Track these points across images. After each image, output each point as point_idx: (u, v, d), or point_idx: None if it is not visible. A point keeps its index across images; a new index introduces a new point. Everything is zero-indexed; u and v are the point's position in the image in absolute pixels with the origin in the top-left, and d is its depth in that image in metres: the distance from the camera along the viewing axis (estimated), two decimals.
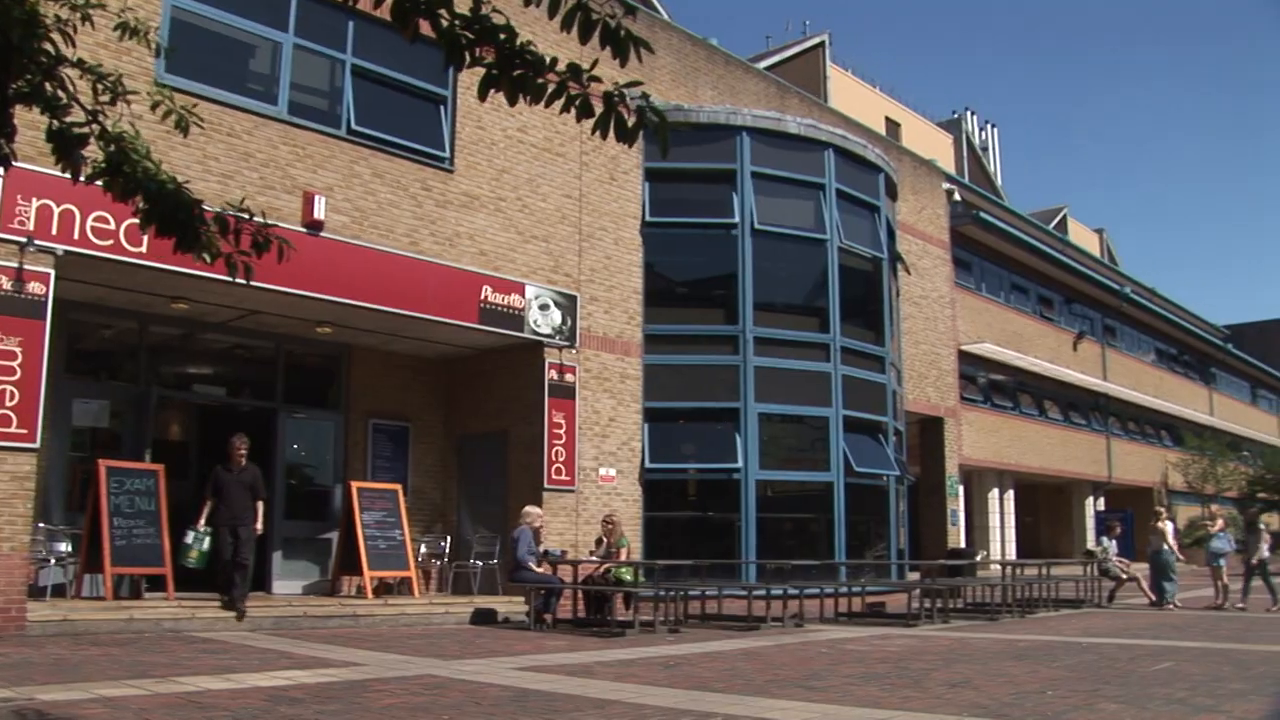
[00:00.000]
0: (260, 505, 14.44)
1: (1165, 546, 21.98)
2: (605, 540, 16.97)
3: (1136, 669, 11.42)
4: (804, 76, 37.52)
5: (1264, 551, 21.48)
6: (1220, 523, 23.27)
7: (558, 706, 8.41)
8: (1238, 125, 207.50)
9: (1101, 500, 45.39)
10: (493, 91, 5.12)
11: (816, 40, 44.21)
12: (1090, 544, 32.83)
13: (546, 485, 18.18)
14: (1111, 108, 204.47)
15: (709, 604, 18.07)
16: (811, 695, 9.30)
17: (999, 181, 59.17)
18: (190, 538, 14.21)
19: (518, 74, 5.04)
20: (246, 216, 5.87)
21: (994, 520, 37.09)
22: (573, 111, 5.17)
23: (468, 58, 5.03)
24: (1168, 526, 22.57)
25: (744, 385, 20.59)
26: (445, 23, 4.93)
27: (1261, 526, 22.44)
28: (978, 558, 28.98)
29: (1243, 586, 21.40)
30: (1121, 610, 21.47)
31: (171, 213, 5.76)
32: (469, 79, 16.84)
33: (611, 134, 5.23)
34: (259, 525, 14.42)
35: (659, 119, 5.27)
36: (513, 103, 5.17)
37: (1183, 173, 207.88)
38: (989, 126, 66.71)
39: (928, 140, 47.44)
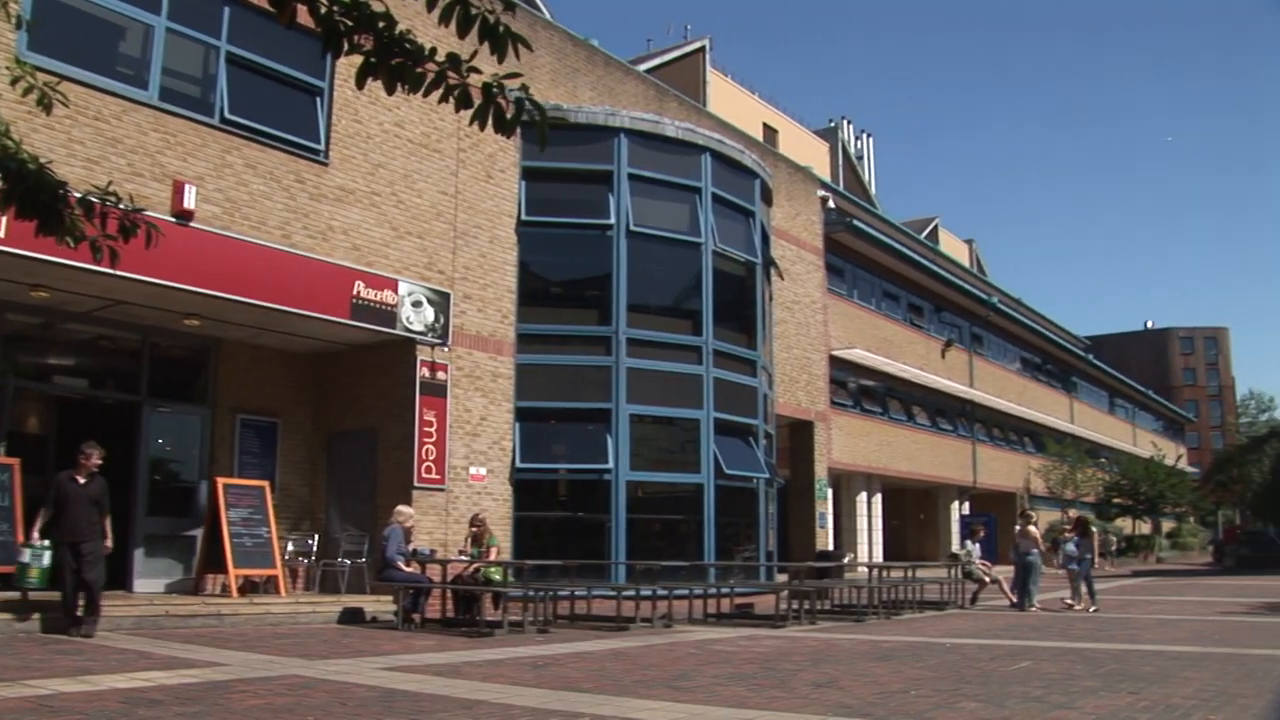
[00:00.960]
0: (108, 521, 13.11)
1: (1035, 550, 22.47)
2: (473, 539, 16.88)
3: (996, 668, 11.67)
4: (684, 80, 37.72)
5: (1092, 554, 22.23)
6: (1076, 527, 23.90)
7: (424, 707, 8.31)
8: (1109, 151, 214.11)
9: (966, 504, 46.41)
10: (370, 80, 5.05)
11: (697, 45, 44.46)
12: (955, 547, 33.47)
13: (416, 484, 17.97)
14: (985, 123, 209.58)
15: (578, 604, 18.02)
16: (679, 695, 9.32)
17: (873, 190, 60.21)
18: (27, 555, 13.03)
19: (396, 62, 4.99)
20: (113, 201, 5.69)
21: (862, 523, 37.67)
22: (451, 102, 5.12)
23: (346, 45, 4.96)
24: (1037, 531, 23.09)
25: (616, 386, 20.60)
26: (324, 9, 4.86)
27: (1094, 530, 23.15)
28: (845, 560, 29.35)
29: (1086, 589, 21.96)
30: (983, 612, 21.92)
31: (33, 194, 5.57)
32: (346, 71, 16.57)
33: (490, 128, 5.20)
34: (109, 542, 13.09)
35: (539, 112, 5.24)
36: (390, 91, 5.11)
37: (1053, 191, 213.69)
38: (865, 136, 67.84)
39: (804, 147, 48.03)
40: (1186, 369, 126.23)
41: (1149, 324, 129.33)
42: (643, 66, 31.19)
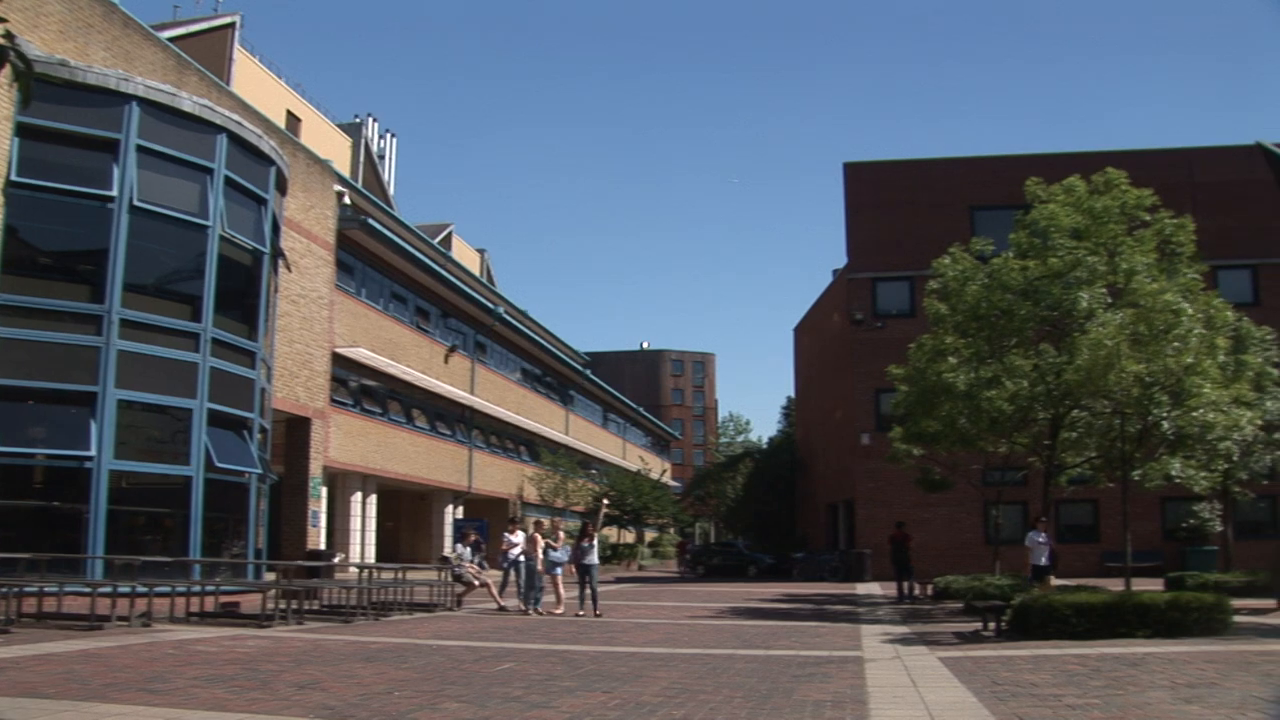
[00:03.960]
0: None
1: (540, 555, 22.95)
2: None
3: (480, 670, 11.94)
4: (209, 55, 36.04)
5: (593, 558, 23.22)
6: (562, 535, 24.84)
7: None
8: (626, 177, 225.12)
9: (461, 509, 47.13)
10: None
11: (228, 19, 42.66)
12: (447, 550, 33.92)
13: None
14: (508, 138, 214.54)
15: (48, 602, 16.86)
16: (153, 699, 8.90)
17: (392, 191, 60.14)
18: None
19: None
20: None
21: (355, 524, 37.39)
22: None
23: None
24: (535, 536, 23.55)
25: (104, 369, 19.29)
26: None
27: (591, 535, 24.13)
28: (336, 560, 29.04)
29: (579, 593, 22.85)
30: (472, 614, 22.33)
31: None
32: None
33: None
34: None
35: (23, 64, 4.80)
36: None
37: (567, 210, 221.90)
38: (389, 135, 67.63)
39: (327, 140, 47.26)
40: (675, 389, 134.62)
41: (645, 345, 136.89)
42: (166, 34, 29.45)
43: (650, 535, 79.56)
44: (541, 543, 23.23)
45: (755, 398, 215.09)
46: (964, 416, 23.14)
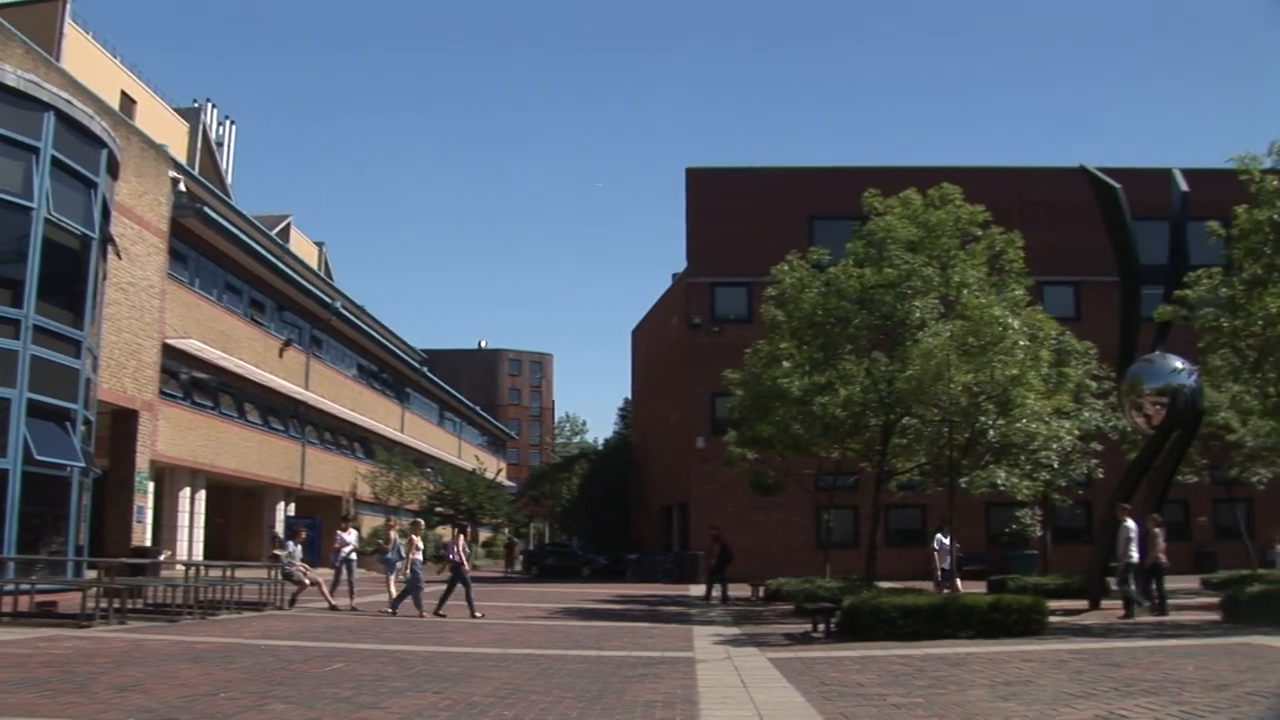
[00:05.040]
0: None
1: (416, 557, 22.35)
2: None
3: (310, 670, 11.73)
4: (37, 28, 34.50)
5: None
6: (394, 535, 24.55)
7: None
8: (466, 178, 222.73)
9: (293, 506, 46.24)
10: None
11: None
12: (277, 548, 33.20)
13: None
14: (349, 128, 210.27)
15: None
16: None
17: (230, 179, 58.68)
18: None
19: None
20: None
21: (184, 520, 36.34)
22: None
23: None
24: (413, 538, 22.98)
25: None
26: None
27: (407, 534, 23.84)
28: (162, 557, 28.17)
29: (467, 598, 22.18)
30: (302, 614, 21.89)
31: None
32: None
33: None
34: None
35: None
36: None
37: (404, 205, 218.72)
38: (228, 122, 65.93)
39: (163, 124, 45.86)
40: (513, 389, 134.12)
41: (483, 344, 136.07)
42: None
43: (485, 535, 79.19)
44: (419, 542, 22.79)
45: (593, 399, 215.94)
46: (798, 421, 23.61)
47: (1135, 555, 21.17)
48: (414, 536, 22.93)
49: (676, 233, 76.97)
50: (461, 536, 23.34)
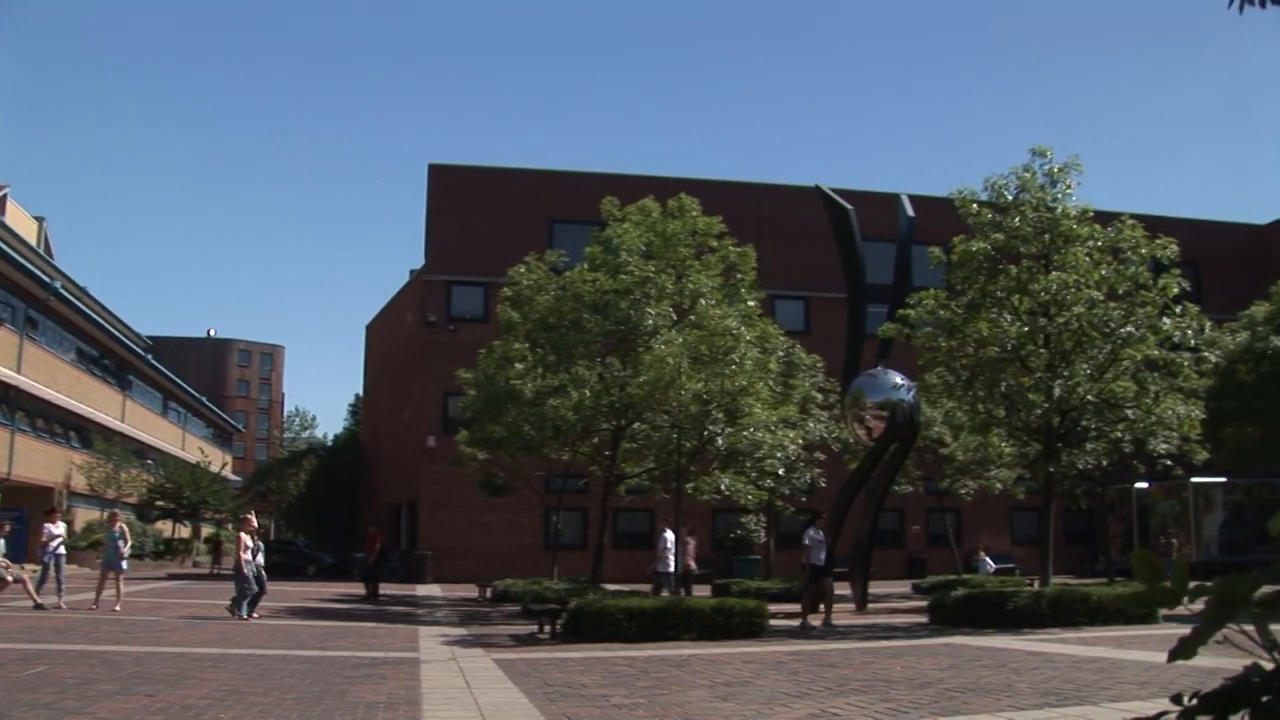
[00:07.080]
0: None
1: (246, 557, 21.13)
2: None
3: (7, 674, 11.18)
4: None
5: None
6: (120, 526, 23.52)
7: None
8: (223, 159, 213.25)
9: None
10: None
11: None
12: None
13: None
14: (73, 96, 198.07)
15: None
16: None
17: None
18: None
19: None
20: None
21: None
22: None
23: None
24: (241, 536, 21.74)
25: None
26: None
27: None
28: None
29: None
30: (3, 613, 20.71)
31: None
32: None
33: None
34: None
35: None
36: None
37: (132, 181, 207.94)
38: None
39: None
40: (241, 380, 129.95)
41: (211, 332, 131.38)
42: None
43: (207, 530, 76.69)
44: (248, 541, 21.45)
45: (324, 394, 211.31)
46: (529, 423, 23.79)
47: (671, 564, 22.54)
48: (243, 535, 21.75)
49: (417, 228, 76.21)
50: (243, 534, 22.07)
